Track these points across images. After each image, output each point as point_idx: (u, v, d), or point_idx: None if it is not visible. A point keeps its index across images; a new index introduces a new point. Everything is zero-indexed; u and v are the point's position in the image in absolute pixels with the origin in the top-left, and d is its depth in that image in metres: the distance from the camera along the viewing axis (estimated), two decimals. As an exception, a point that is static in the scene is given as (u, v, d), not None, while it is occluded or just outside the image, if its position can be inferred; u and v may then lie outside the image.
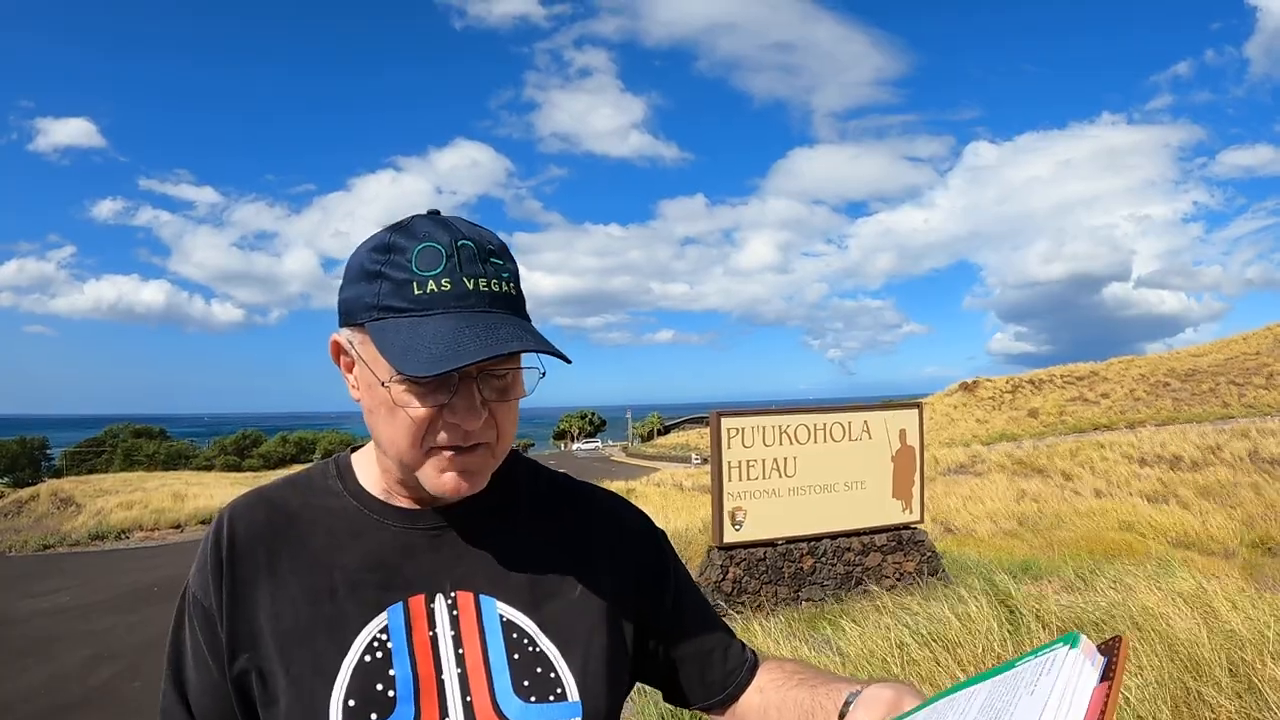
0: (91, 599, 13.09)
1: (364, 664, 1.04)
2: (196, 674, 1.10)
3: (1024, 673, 0.77)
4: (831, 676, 1.19)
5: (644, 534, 1.30)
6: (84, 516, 24.27)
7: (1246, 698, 3.79)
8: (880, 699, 0.97)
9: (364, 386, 1.06)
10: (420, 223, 1.03)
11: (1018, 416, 42.32)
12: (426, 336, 0.96)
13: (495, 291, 1.01)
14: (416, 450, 1.03)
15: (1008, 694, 0.76)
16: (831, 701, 1.09)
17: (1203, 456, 20.49)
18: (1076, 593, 6.79)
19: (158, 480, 36.97)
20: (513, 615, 1.11)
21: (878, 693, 0.99)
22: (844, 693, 1.08)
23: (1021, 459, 24.89)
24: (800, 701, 1.16)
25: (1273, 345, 40.96)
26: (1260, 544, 11.94)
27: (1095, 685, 0.70)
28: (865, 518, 9.36)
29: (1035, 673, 0.75)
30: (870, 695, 0.99)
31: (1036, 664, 0.77)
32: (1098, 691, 0.69)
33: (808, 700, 1.14)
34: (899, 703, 0.96)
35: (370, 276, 1.02)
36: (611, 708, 1.14)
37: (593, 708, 1.10)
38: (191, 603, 1.11)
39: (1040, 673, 0.74)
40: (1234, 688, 3.87)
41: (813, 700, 1.13)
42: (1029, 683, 0.74)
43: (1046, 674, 0.73)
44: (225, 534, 1.11)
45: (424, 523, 1.13)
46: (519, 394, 1.08)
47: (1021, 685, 0.75)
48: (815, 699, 1.13)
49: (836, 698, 1.09)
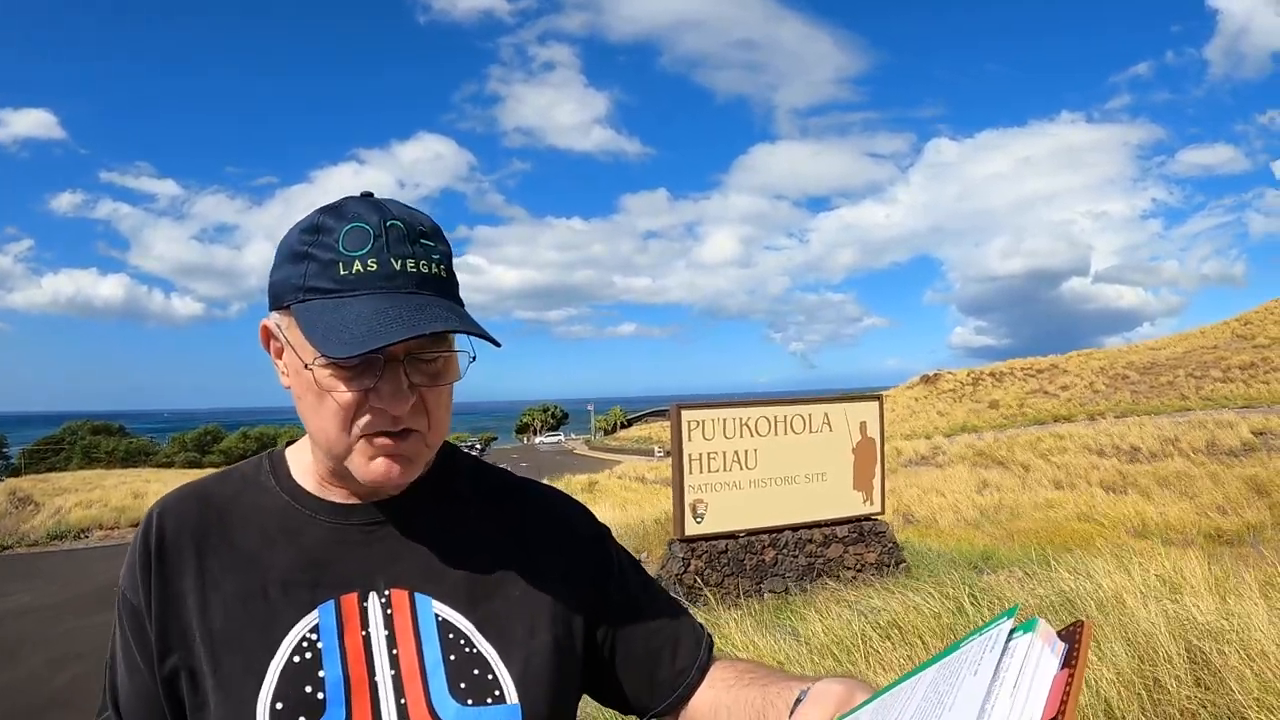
0: (53, 600, 12.93)
1: (292, 665, 1.00)
2: (127, 676, 1.07)
3: (967, 653, 0.73)
4: (784, 675, 1.14)
5: (587, 530, 1.25)
6: (43, 516, 23.83)
7: (1207, 685, 3.78)
8: (830, 693, 0.92)
9: (292, 372, 1.03)
10: (351, 204, 1.00)
11: (978, 409, 42.77)
12: (350, 317, 0.93)
13: (424, 273, 0.99)
14: (344, 436, 0.99)
15: (951, 676, 0.72)
16: (783, 700, 1.05)
17: (1161, 448, 20.78)
18: (1036, 581, 6.80)
19: (117, 478, 36.40)
20: (449, 615, 1.07)
21: (827, 687, 0.93)
22: (795, 690, 1.03)
23: (982, 450, 25.15)
24: (751, 701, 1.11)
25: (1230, 339, 41.62)
26: (1218, 534, 12.08)
27: (1056, 672, 0.64)
28: (826, 509, 9.39)
29: (979, 652, 0.70)
30: (819, 690, 0.94)
31: (979, 643, 0.72)
32: (1058, 679, 0.64)
33: (759, 700, 1.09)
34: (849, 697, 0.91)
35: (298, 258, 0.99)
36: (555, 710, 1.09)
37: (532, 710, 1.06)
38: (122, 601, 1.08)
39: (984, 651, 0.70)
40: (1194, 675, 3.86)
41: (764, 700, 1.09)
42: (972, 662, 0.70)
43: (990, 651, 0.69)
44: (154, 530, 1.07)
45: (358, 518, 1.09)
46: (450, 379, 1.04)
47: (965, 666, 0.71)
48: (766, 698, 1.08)
49: (788, 695, 1.04)
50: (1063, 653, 0.67)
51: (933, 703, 0.70)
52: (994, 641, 0.70)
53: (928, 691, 0.73)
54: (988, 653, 0.69)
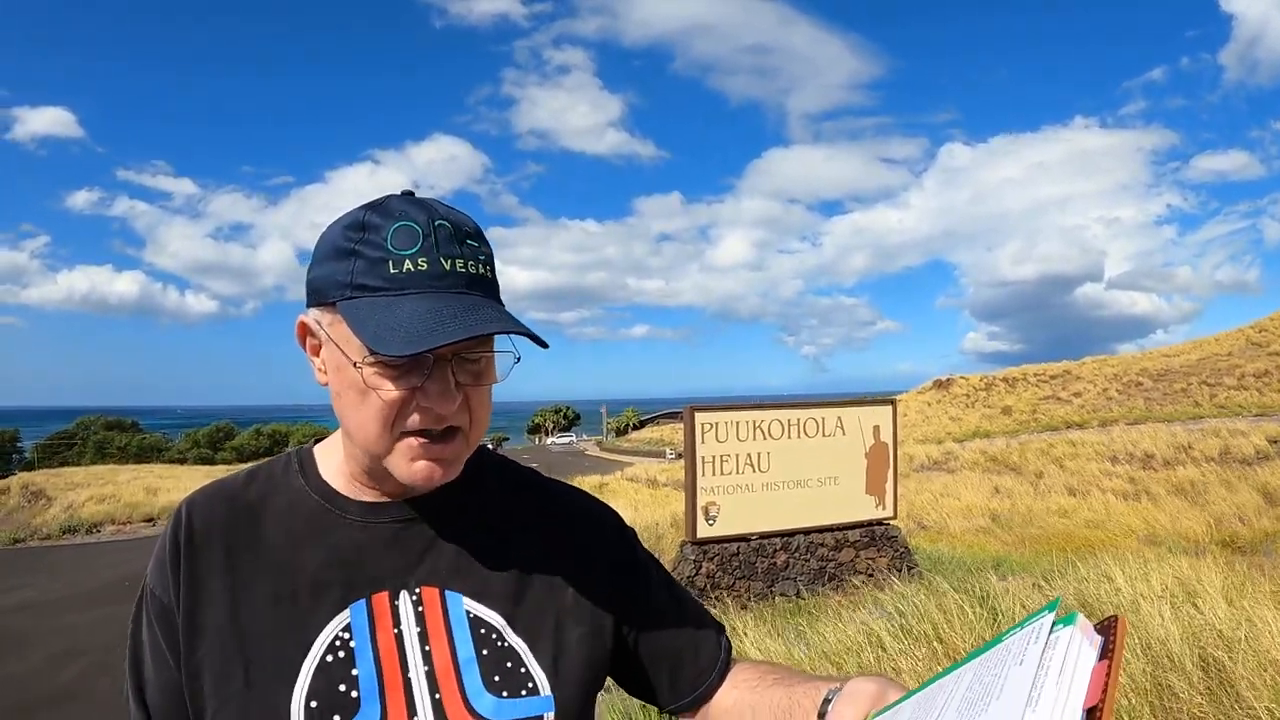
0: (63, 594, 12.99)
1: (325, 664, 1.00)
2: (155, 672, 1.06)
3: (1011, 645, 0.76)
4: (808, 676, 1.15)
5: (614, 530, 1.27)
6: (55, 510, 23.99)
7: (1218, 693, 3.78)
8: (864, 692, 0.94)
9: (333, 369, 1.02)
10: (396, 202, 1.00)
11: (991, 414, 42.60)
12: (403, 316, 0.93)
13: (472, 273, 0.99)
14: (387, 435, 0.99)
15: (996, 667, 0.74)
16: (810, 700, 1.05)
17: (1174, 455, 20.68)
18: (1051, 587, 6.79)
19: (130, 473, 36.50)
20: (480, 611, 1.08)
21: (861, 686, 0.95)
22: (823, 690, 1.04)
23: (995, 456, 25.07)
24: (776, 702, 1.12)
25: (1244, 346, 41.38)
26: (1230, 542, 12.03)
27: (1094, 664, 0.68)
28: (838, 513, 9.38)
29: (1023, 643, 0.74)
30: (853, 689, 0.95)
31: (1023, 635, 0.75)
32: (1097, 669, 0.67)
33: (784, 700, 1.10)
34: (883, 695, 0.92)
35: (343, 254, 0.98)
36: (585, 701, 1.12)
37: (565, 701, 1.08)
38: (149, 599, 1.07)
39: (1028, 642, 0.73)
40: (1205, 683, 3.86)
41: (790, 700, 1.09)
42: (1017, 654, 0.73)
43: (1034, 643, 0.72)
44: (184, 528, 1.07)
45: (388, 517, 1.10)
46: (493, 379, 1.05)
47: (1010, 657, 0.74)
48: (793, 698, 1.09)
49: (815, 696, 1.05)
50: (1100, 645, 0.70)
51: (979, 693, 0.73)
52: (1037, 634, 0.72)
53: (972, 682, 0.76)
54: (1032, 644, 0.72)
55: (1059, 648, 0.70)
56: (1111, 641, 0.69)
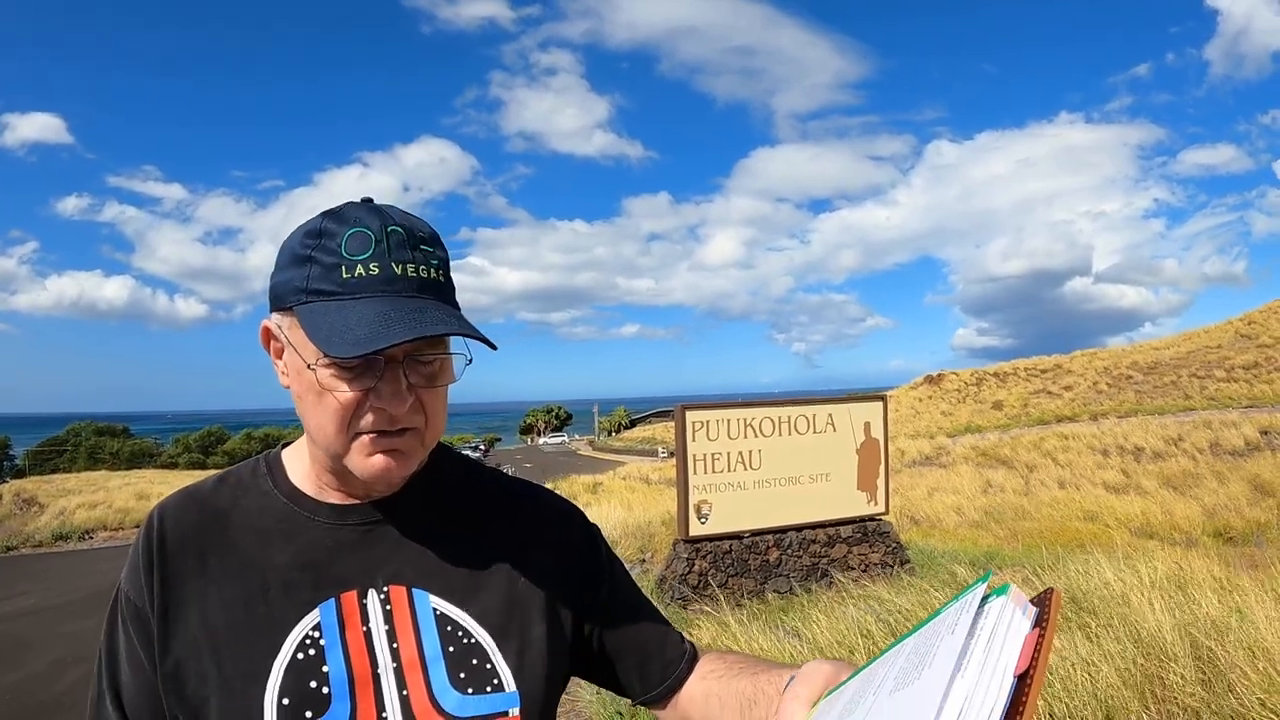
0: (57, 601, 12.94)
1: (296, 662, 1.04)
2: (131, 675, 1.09)
3: (946, 617, 0.78)
4: (773, 664, 1.21)
5: (579, 528, 1.31)
6: (47, 517, 23.90)
7: (1211, 682, 3.78)
8: (819, 671, 0.98)
9: (293, 372, 1.06)
10: (352, 209, 1.04)
11: (982, 409, 42.68)
12: (352, 319, 0.97)
13: (424, 277, 1.03)
14: (344, 435, 1.03)
15: (931, 638, 0.77)
16: (774, 687, 1.11)
17: (1165, 448, 20.77)
18: (1043, 580, 6.80)
19: (121, 479, 36.33)
20: (446, 608, 1.12)
21: (816, 667, 0.99)
22: (785, 677, 1.10)
23: (986, 450, 25.14)
24: (742, 690, 1.17)
25: (1234, 338, 41.49)
26: (1222, 533, 12.08)
27: (1028, 632, 0.70)
28: (831, 510, 9.39)
29: (955, 614, 0.76)
30: (809, 670, 0.99)
31: (957, 606, 0.78)
32: (1030, 637, 0.69)
33: (749, 688, 1.16)
34: (837, 675, 0.96)
35: (301, 261, 1.03)
36: (549, 697, 1.16)
37: (530, 696, 1.12)
38: (124, 603, 1.11)
39: (960, 613, 0.75)
40: (1197, 673, 3.87)
41: (755, 688, 1.15)
42: (949, 624, 0.76)
43: (966, 612, 0.74)
44: (156, 533, 1.10)
45: (355, 518, 1.13)
46: (447, 381, 1.08)
47: (943, 627, 0.76)
48: (757, 685, 1.14)
49: (778, 682, 1.10)
50: (1034, 615, 0.72)
51: (914, 664, 0.76)
52: (969, 604, 0.75)
53: (909, 655, 0.79)
54: (964, 614, 0.74)
55: (990, 616, 0.72)
56: (1046, 612, 0.71)
